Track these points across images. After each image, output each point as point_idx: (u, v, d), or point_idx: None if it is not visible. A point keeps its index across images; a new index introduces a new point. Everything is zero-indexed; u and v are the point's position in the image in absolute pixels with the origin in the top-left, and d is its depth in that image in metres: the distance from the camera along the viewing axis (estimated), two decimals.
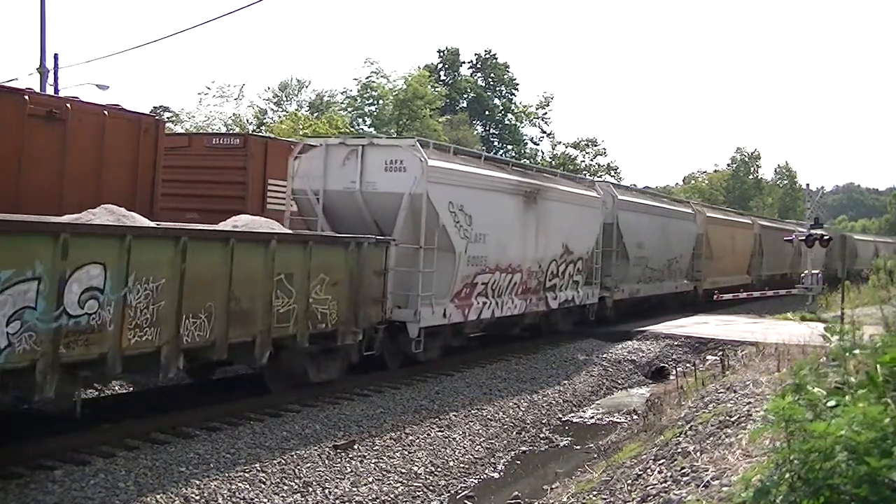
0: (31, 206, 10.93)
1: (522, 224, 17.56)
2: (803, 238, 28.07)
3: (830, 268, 39.09)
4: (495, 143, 61.71)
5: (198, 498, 8.36)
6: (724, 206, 56.02)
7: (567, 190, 20.15)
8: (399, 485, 9.99)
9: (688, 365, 17.39)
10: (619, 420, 14.63)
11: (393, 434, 11.45)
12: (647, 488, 7.26)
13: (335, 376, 12.81)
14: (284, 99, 49.47)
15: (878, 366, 4.90)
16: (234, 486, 8.75)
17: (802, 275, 28.72)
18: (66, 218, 9.56)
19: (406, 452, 10.99)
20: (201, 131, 32.70)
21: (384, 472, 10.18)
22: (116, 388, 12.16)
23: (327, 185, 14.82)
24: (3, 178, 11.80)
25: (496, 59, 66.61)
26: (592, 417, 15.01)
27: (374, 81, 45.37)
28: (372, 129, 42.90)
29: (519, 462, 11.99)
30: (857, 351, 5.69)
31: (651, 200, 27.59)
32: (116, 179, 13.48)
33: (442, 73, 62.84)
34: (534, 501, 9.65)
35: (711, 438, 8.21)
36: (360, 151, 14.60)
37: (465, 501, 10.15)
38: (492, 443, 12.41)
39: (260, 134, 31.75)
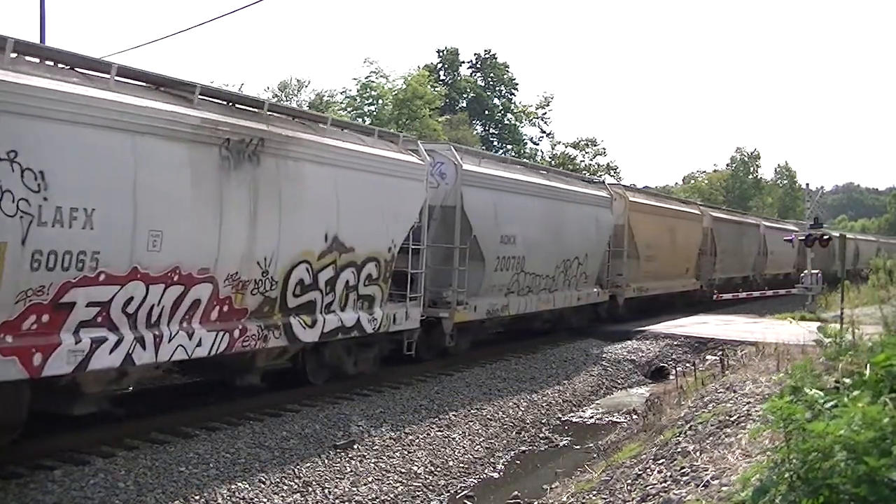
0: None
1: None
2: (803, 238, 28.04)
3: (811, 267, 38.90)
4: (495, 143, 61.62)
5: (197, 498, 8.36)
6: (724, 206, 55.52)
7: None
8: (399, 484, 10.00)
9: (687, 365, 17.39)
10: (618, 420, 14.63)
11: (393, 434, 11.45)
12: (647, 488, 7.26)
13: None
14: (284, 98, 49.42)
15: (868, 366, 4.91)
16: (234, 486, 8.75)
17: (802, 275, 28.68)
18: None
19: (406, 452, 10.99)
20: None
21: (384, 472, 10.18)
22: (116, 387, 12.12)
23: None
24: None
25: (496, 59, 66.52)
26: (592, 417, 15.01)
27: (373, 81, 45.28)
28: None
29: (519, 462, 11.99)
30: (850, 352, 5.70)
31: (536, 177, 19.41)
32: None
33: (441, 72, 62.73)
34: (533, 501, 9.65)
35: (711, 438, 8.21)
36: None
37: (465, 501, 10.16)
38: (491, 442, 12.41)
39: None
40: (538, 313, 19.04)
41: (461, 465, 11.27)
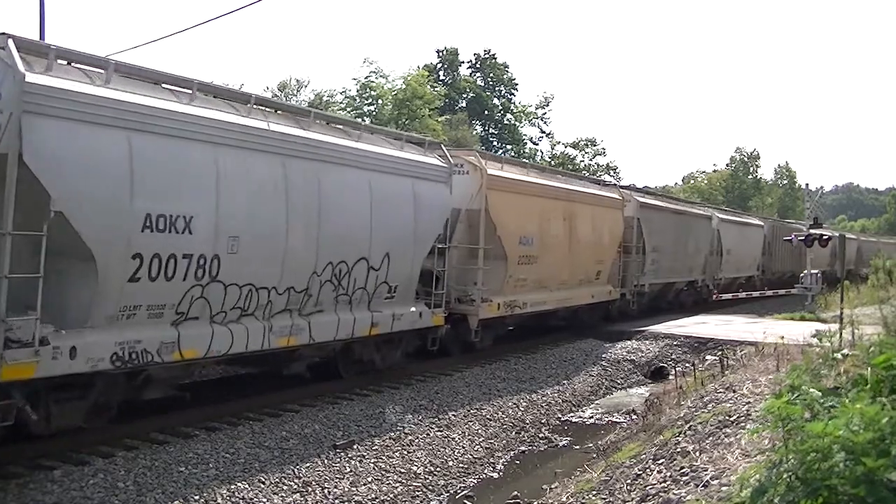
0: None
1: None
2: (803, 238, 28.05)
3: (770, 269, 37.88)
4: (494, 143, 61.64)
5: (197, 498, 8.36)
6: (724, 206, 55.22)
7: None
8: (398, 484, 10.00)
9: (687, 365, 17.40)
10: (618, 420, 14.63)
11: (392, 434, 11.46)
12: (647, 488, 7.26)
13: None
14: (283, 99, 49.44)
15: (869, 367, 4.91)
16: (233, 486, 8.76)
17: (802, 275, 28.69)
18: None
19: (405, 452, 11.00)
20: None
21: (383, 472, 10.18)
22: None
23: None
24: None
25: (495, 59, 66.55)
26: (592, 417, 15.01)
27: (372, 81, 45.30)
28: None
29: (518, 462, 12.00)
30: (846, 352, 5.70)
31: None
32: None
33: (441, 72, 62.75)
34: (533, 501, 9.65)
35: (710, 438, 8.21)
36: None
37: (465, 501, 10.16)
38: (491, 442, 12.42)
39: None
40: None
41: (461, 465, 11.27)
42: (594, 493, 8.17)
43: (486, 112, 63.43)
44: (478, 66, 66.08)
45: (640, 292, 24.01)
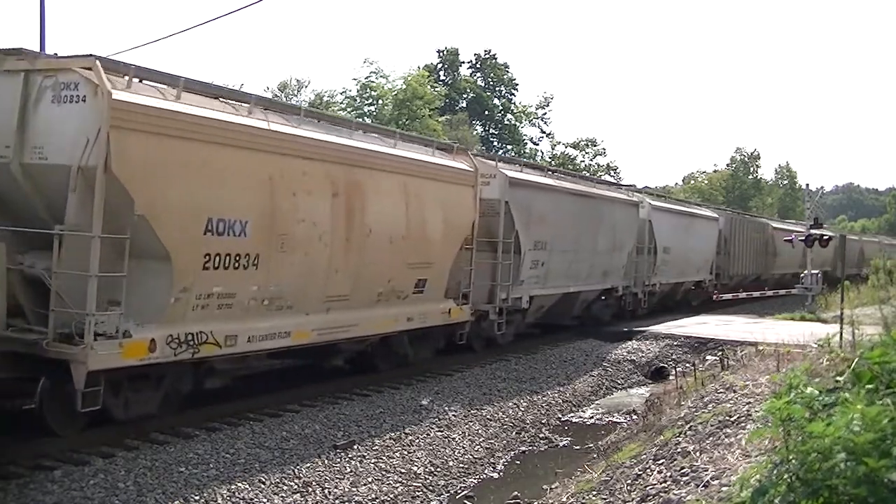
0: None
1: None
2: (803, 238, 28.04)
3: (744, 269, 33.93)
4: (495, 143, 61.65)
5: (197, 498, 8.36)
6: (724, 206, 55.08)
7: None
8: (398, 485, 10.00)
9: (687, 365, 17.38)
10: (618, 420, 14.63)
11: (392, 434, 11.46)
12: (647, 488, 7.26)
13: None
14: (284, 99, 49.42)
15: (857, 360, 4.91)
16: (233, 486, 8.75)
17: (802, 275, 28.66)
18: None
19: (405, 452, 11.00)
20: None
21: (384, 472, 10.18)
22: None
23: None
24: None
25: (496, 59, 66.58)
26: (592, 417, 15.02)
27: (373, 81, 45.34)
28: None
29: (518, 462, 12.00)
30: (847, 351, 5.70)
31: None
32: None
33: (441, 73, 62.78)
34: (533, 501, 9.65)
35: (711, 438, 8.21)
36: None
37: (465, 501, 10.16)
38: (491, 443, 12.41)
39: None
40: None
41: (461, 465, 11.27)
42: (594, 493, 8.17)
43: (486, 112, 63.45)
44: (478, 66, 66.12)
45: (512, 305, 17.36)
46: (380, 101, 45.08)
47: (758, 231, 36.95)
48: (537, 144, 64.97)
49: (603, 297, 22.54)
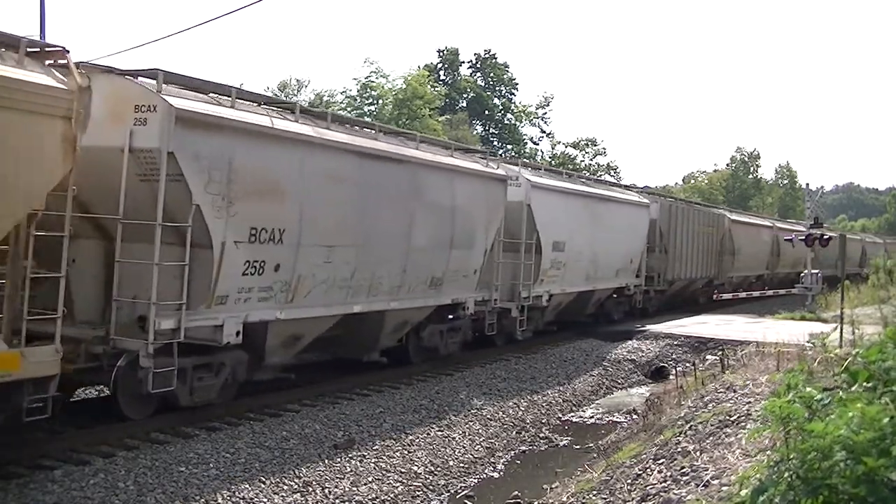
0: None
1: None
2: (803, 238, 28.02)
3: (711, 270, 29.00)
4: (495, 143, 61.61)
5: (198, 498, 8.37)
6: (724, 206, 54.97)
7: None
8: (399, 484, 10.00)
9: (687, 365, 17.39)
10: (618, 420, 14.63)
11: (393, 434, 11.46)
12: (647, 488, 7.27)
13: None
14: (284, 98, 49.49)
15: (852, 357, 4.91)
16: (234, 486, 8.76)
17: (802, 275, 28.63)
18: None
19: (406, 452, 11.00)
20: None
21: (384, 472, 10.18)
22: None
23: None
24: None
25: (496, 58, 66.54)
26: (592, 417, 15.02)
27: (373, 81, 45.35)
28: None
29: (519, 462, 12.00)
30: (846, 350, 5.70)
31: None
32: None
33: (441, 72, 62.77)
34: (534, 501, 9.65)
35: (711, 438, 8.22)
36: None
37: (465, 501, 10.16)
38: (491, 442, 12.42)
39: None
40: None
41: (461, 464, 11.27)
42: (594, 492, 8.18)
43: (486, 112, 63.42)
44: (478, 65, 66.08)
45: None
46: (380, 101, 45.09)
47: (709, 223, 29.64)
48: (537, 144, 64.98)
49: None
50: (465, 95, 62.86)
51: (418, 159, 13.81)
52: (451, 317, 15.81)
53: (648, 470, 7.90)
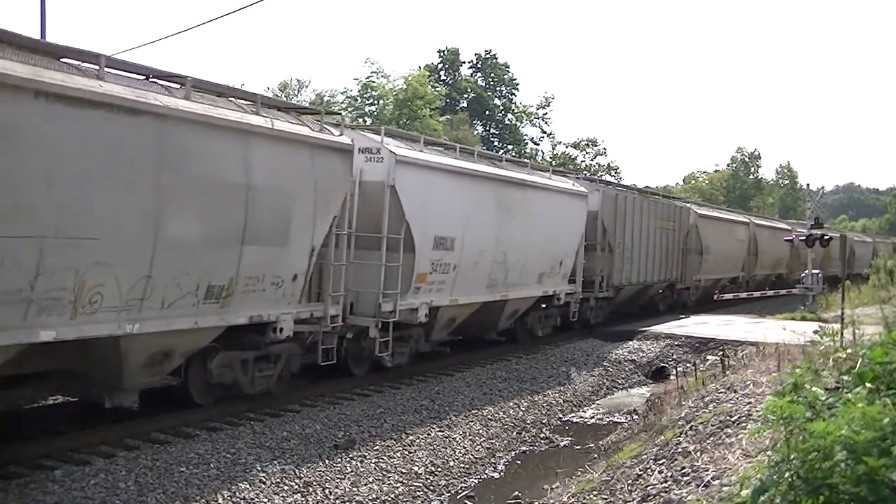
0: None
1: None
2: (803, 238, 27.99)
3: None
4: (495, 143, 61.65)
5: (198, 498, 8.37)
6: (725, 206, 54.87)
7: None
8: (399, 485, 10.00)
9: (688, 365, 17.38)
10: (619, 420, 14.63)
11: (393, 434, 11.46)
12: (648, 488, 7.26)
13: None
14: (284, 98, 49.48)
15: (860, 360, 4.91)
16: (234, 487, 8.76)
17: (802, 275, 28.59)
18: None
19: (406, 452, 11.00)
20: None
21: (384, 472, 10.18)
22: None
23: None
24: None
25: (496, 59, 66.59)
26: (593, 417, 15.01)
27: (374, 81, 45.38)
28: None
29: (519, 462, 12.00)
30: (848, 350, 5.70)
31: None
32: None
33: (442, 72, 62.82)
34: (534, 501, 9.65)
35: (712, 438, 8.21)
36: None
37: (466, 501, 10.16)
38: (492, 443, 12.42)
39: None
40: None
41: (462, 465, 11.27)
42: (595, 493, 8.17)
43: (486, 112, 63.46)
44: (479, 66, 66.12)
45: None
46: (381, 101, 45.13)
47: (670, 218, 25.91)
48: (538, 144, 65.06)
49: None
50: (465, 96, 62.90)
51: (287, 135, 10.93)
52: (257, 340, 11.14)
53: (649, 470, 7.89)
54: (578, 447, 12.80)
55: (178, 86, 9.78)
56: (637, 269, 23.20)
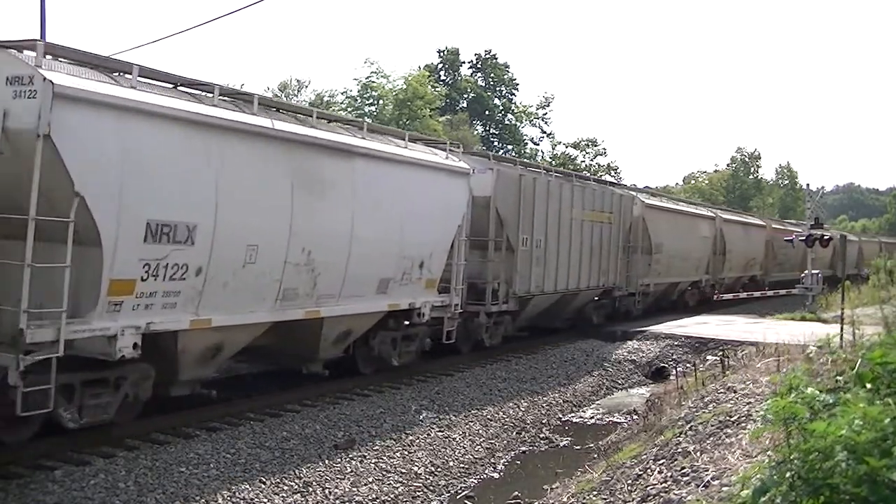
0: None
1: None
2: (803, 238, 27.97)
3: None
4: (495, 143, 61.66)
5: (198, 498, 8.36)
6: (724, 206, 54.90)
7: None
8: (399, 485, 10.00)
9: (688, 365, 17.38)
10: (619, 420, 14.63)
11: (393, 434, 11.45)
12: (648, 488, 7.26)
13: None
14: (284, 99, 49.45)
15: (860, 361, 4.91)
16: (234, 487, 8.75)
17: (802, 275, 28.57)
18: None
19: (406, 452, 11.00)
20: None
21: (384, 472, 10.18)
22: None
23: None
24: None
25: (496, 59, 66.60)
26: (592, 417, 15.01)
27: (373, 81, 45.38)
28: None
29: (519, 462, 12.00)
30: (847, 352, 5.70)
31: None
32: None
33: (442, 72, 62.82)
34: (534, 501, 9.65)
35: (711, 438, 8.21)
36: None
37: (466, 501, 10.16)
38: (492, 443, 12.41)
39: None
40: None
41: (462, 465, 11.27)
42: (595, 493, 8.17)
43: (486, 112, 63.47)
44: (479, 66, 66.13)
45: None
46: (380, 101, 45.12)
47: (606, 208, 21.33)
48: (538, 144, 65.07)
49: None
50: (465, 96, 62.91)
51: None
52: None
53: (649, 470, 7.89)
54: (578, 447, 12.79)
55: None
56: (554, 273, 18.44)
